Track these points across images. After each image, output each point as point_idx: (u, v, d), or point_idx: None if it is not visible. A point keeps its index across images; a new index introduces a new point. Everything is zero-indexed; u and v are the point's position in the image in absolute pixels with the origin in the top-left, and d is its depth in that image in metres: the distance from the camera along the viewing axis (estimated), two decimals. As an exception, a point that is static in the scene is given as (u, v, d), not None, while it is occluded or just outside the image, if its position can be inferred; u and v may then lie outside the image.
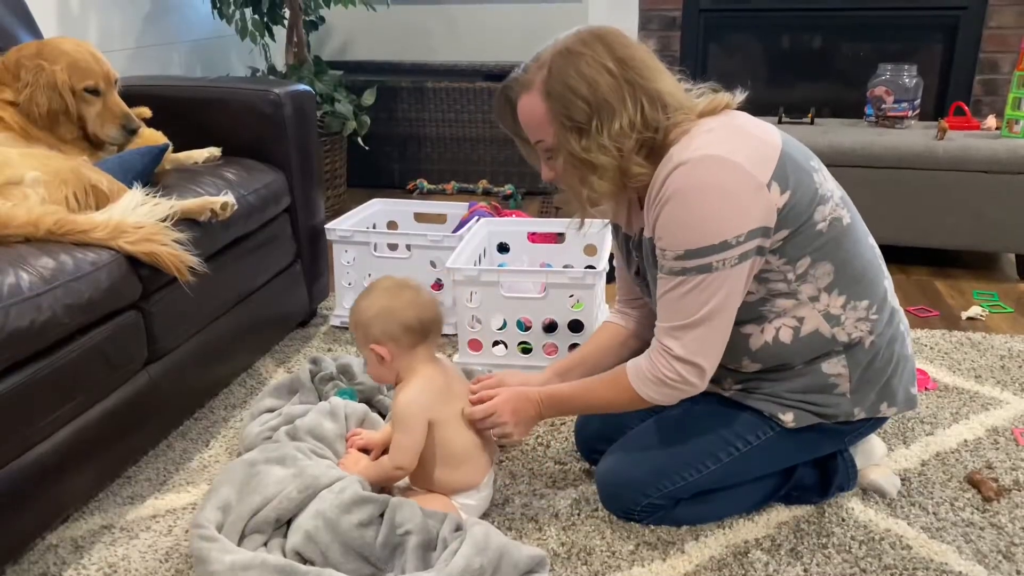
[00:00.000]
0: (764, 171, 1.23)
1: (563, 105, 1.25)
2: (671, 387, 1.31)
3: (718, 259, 1.23)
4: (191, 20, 3.38)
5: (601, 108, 1.24)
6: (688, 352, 1.29)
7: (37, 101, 1.76)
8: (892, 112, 2.91)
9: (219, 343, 1.87)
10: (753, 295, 1.32)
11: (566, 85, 1.24)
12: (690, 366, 1.29)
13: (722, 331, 1.29)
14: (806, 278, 1.31)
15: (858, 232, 1.36)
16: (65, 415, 1.41)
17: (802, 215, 1.26)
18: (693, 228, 1.23)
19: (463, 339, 2.05)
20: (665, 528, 1.47)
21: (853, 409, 1.38)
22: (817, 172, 1.31)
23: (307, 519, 1.32)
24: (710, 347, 1.29)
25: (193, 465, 1.69)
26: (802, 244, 1.28)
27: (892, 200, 2.71)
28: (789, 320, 1.33)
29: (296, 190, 2.17)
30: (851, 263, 1.33)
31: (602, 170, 1.27)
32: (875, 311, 1.36)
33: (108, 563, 1.40)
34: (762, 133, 1.28)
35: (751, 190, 1.21)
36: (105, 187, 1.62)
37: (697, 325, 1.27)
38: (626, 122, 1.24)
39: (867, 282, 1.35)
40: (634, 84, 1.24)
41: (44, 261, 1.40)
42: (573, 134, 1.26)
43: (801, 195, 1.26)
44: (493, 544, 1.28)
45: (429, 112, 3.75)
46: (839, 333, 1.34)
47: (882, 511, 1.50)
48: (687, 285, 1.25)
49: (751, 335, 1.36)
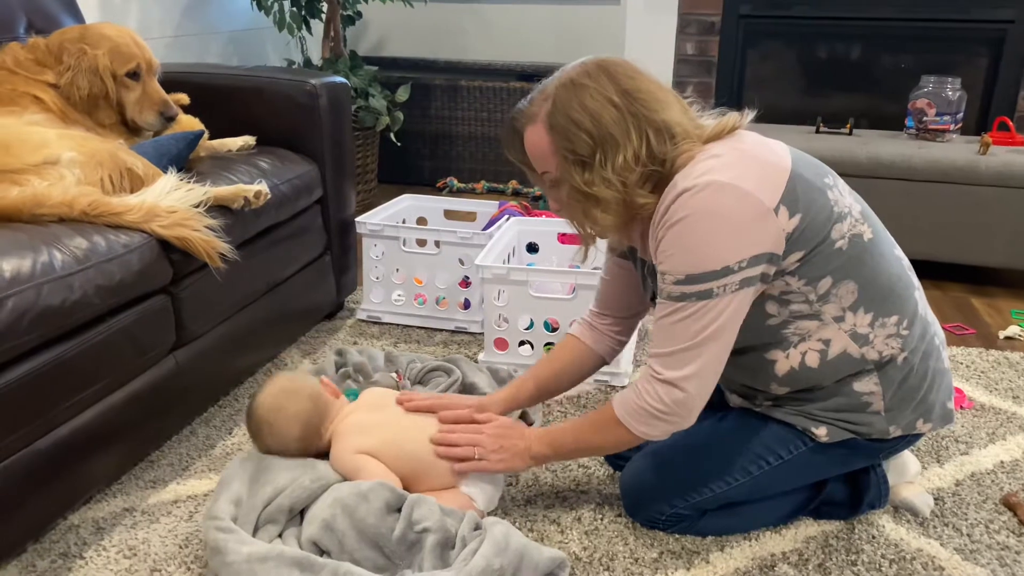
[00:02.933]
0: (771, 195, 1.19)
1: (566, 138, 1.23)
2: (655, 415, 1.26)
3: (719, 285, 1.20)
4: (230, 11, 3.40)
5: (605, 142, 1.21)
6: (674, 375, 1.24)
7: (78, 84, 1.77)
8: (934, 125, 2.85)
9: (246, 331, 1.87)
10: (775, 318, 1.29)
11: (569, 118, 1.22)
12: (674, 389, 1.24)
13: (715, 359, 1.24)
14: (828, 298, 1.27)
15: (882, 246, 1.31)
16: (91, 397, 1.41)
17: (817, 235, 1.23)
18: (695, 253, 1.19)
19: (489, 337, 2.04)
20: (690, 538, 1.44)
21: (888, 427, 1.34)
22: (832, 189, 1.27)
23: (324, 507, 1.31)
24: (700, 374, 1.24)
25: (216, 452, 1.69)
26: (821, 264, 1.24)
27: (931, 214, 2.66)
28: (815, 344, 1.30)
29: (328, 182, 2.16)
30: (876, 280, 1.29)
31: (605, 203, 1.24)
32: (906, 326, 1.31)
33: (128, 546, 1.40)
34: (770, 155, 1.24)
35: (757, 216, 1.18)
36: (140, 171, 1.63)
37: (689, 350, 1.23)
38: (631, 155, 1.21)
39: (895, 297, 1.31)
40: (639, 116, 1.22)
41: (78, 241, 1.40)
42: (576, 167, 1.24)
43: (814, 216, 1.22)
44: (513, 545, 1.26)
45: (462, 110, 3.74)
46: (869, 352, 1.30)
47: (914, 530, 1.46)
48: (686, 311, 1.22)
49: (776, 361, 1.32)
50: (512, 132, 1.33)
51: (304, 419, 1.45)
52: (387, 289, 2.32)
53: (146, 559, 1.37)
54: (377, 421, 1.48)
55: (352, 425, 1.48)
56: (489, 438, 1.41)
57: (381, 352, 1.85)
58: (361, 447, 1.44)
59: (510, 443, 1.41)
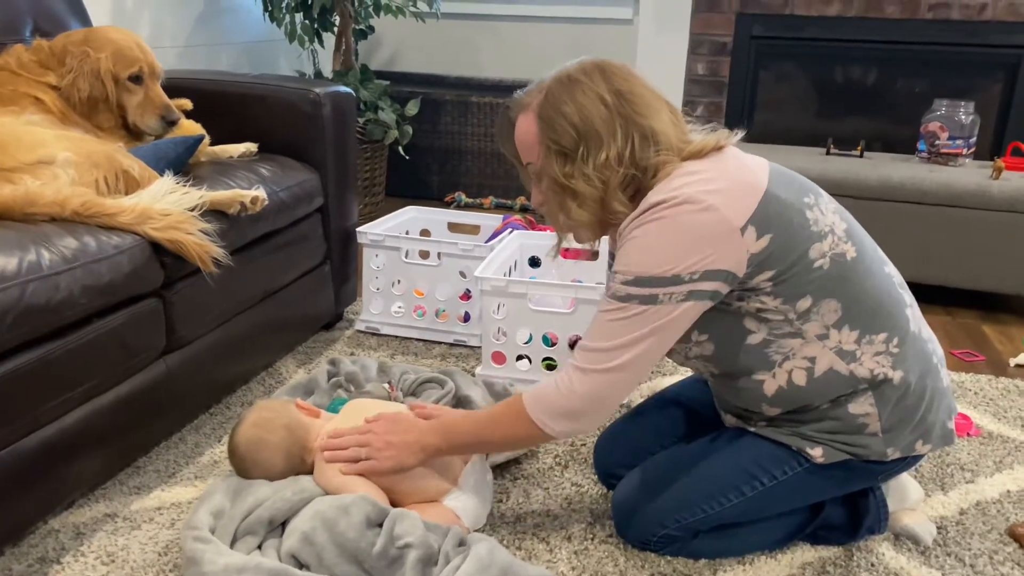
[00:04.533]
0: (740, 215, 1.18)
1: (552, 128, 1.25)
2: (568, 411, 1.24)
3: (665, 292, 1.19)
4: (243, 22, 3.42)
5: (589, 137, 1.23)
6: (596, 371, 1.22)
7: (78, 86, 1.77)
8: (946, 149, 2.82)
9: (241, 339, 1.86)
10: (755, 334, 1.27)
11: (558, 110, 1.24)
12: (586, 377, 1.23)
13: (640, 366, 1.23)
14: (809, 317, 1.24)
15: (868, 264, 1.28)
16: (77, 398, 1.39)
17: (790, 255, 1.21)
18: (649, 257, 1.19)
19: (487, 351, 2.01)
20: (682, 560, 1.39)
21: (886, 449, 1.30)
22: (812, 208, 1.25)
23: (304, 520, 1.29)
24: (621, 377, 1.23)
25: (204, 460, 1.67)
26: (798, 283, 1.22)
27: (942, 239, 2.62)
28: (800, 362, 1.27)
29: (330, 191, 2.15)
30: (862, 297, 1.26)
31: (582, 199, 1.25)
32: (896, 344, 1.27)
33: (107, 552, 1.38)
34: (745, 175, 1.23)
35: (721, 232, 1.17)
36: (136, 173, 1.62)
37: (618, 350, 1.22)
38: (613, 155, 1.22)
39: (884, 314, 1.27)
40: (628, 119, 1.23)
41: (67, 241, 1.39)
42: (558, 158, 1.25)
43: (788, 236, 1.21)
44: (498, 562, 1.23)
45: (472, 126, 3.74)
46: (858, 369, 1.26)
47: (915, 559, 1.41)
48: (626, 312, 1.21)
49: (764, 381, 1.29)
50: (505, 121, 1.35)
51: (284, 448, 1.43)
52: (386, 300, 2.30)
53: (124, 566, 1.35)
54: None
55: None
56: (376, 436, 1.38)
57: (375, 362, 1.83)
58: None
59: (398, 438, 1.37)
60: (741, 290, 1.23)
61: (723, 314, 1.26)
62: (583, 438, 1.76)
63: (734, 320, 1.26)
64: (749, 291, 1.22)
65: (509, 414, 1.31)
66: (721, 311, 1.25)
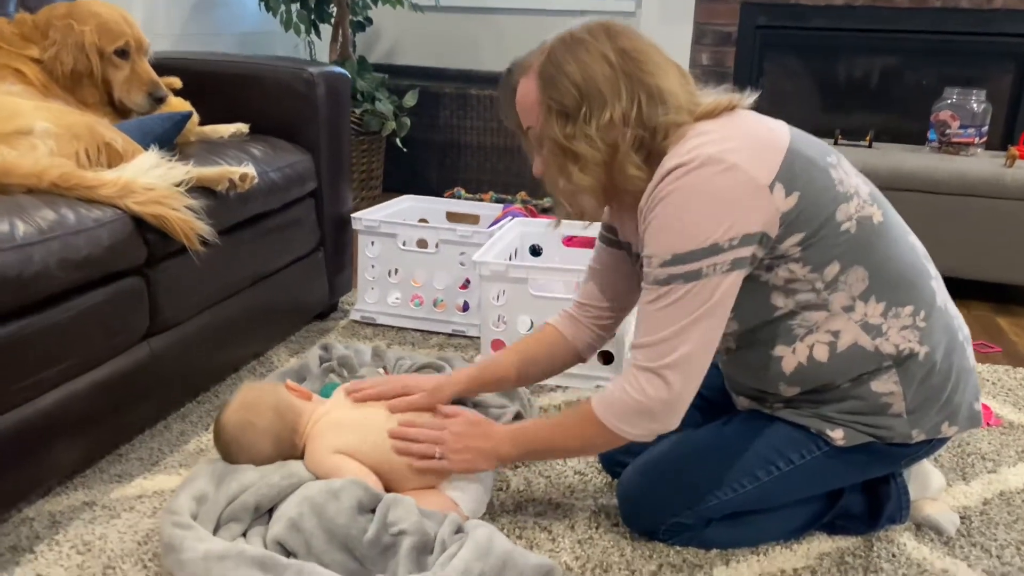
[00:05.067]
0: (765, 172, 1.11)
1: (553, 87, 1.17)
2: (637, 410, 1.16)
3: (708, 264, 1.10)
4: (238, 13, 3.36)
5: (591, 96, 1.15)
6: (658, 365, 1.14)
7: (62, 59, 1.70)
8: (957, 138, 2.74)
9: (230, 324, 1.78)
10: (781, 309, 1.19)
11: (560, 69, 1.17)
12: (658, 379, 1.14)
13: (703, 348, 1.14)
14: (836, 286, 1.17)
15: (894, 231, 1.22)
16: (53, 378, 1.32)
17: (819, 216, 1.14)
18: (681, 232, 1.11)
19: (486, 338, 1.93)
20: (692, 550, 1.32)
21: (911, 431, 1.22)
22: (836, 168, 1.18)
23: (292, 506, 1.21)
24: (686, 364, 1.13)
25: (190, 448, 1.59)
26: (826, 248, 1.15)
27: (954, 230, 2.55)
28: (823, 336, 1.19)
29: (323, 175, 2.08)
30: (887, 265, 1.18)
31: (584, 162, 1.17)
32: (923, 317, 1.20)
33: (83, 541, 1.30)
34: (766, 132, 1.16)
35: (748, 192, 1.10)
36: (120, 146, 1.55)
37: (675, 337, 1.13)
38: (618, 115, 1.15)
39: (908, 285, 1.20)
40: (633, 78, 1.15)
41: (44, 212, 1.31)
42: (559, 119, 1.17)
43: (815, 196, 1.13)
44: (497, 549, 1.15)
45: (471, 120, 3.67)
46: (883, 344, 1.19)
47: (938, 549, 1.34)
48: (673, 295, 1.12)
49: (783, 357, 1.22)
50: (507, 87, 1.27)
51: (273, 432, 1.34)
52: (382, 289, 2.22)
53: (100, 555, 1.27)
54: (355, 418, 1.38)
55: (328, 424, 1.37)
56: (453, 436, 1.31)
57: (368, 348, 1.75)
58: (338, 446, 1.33)
59: (475, 443, 1.30)
60: (771, 258, 1.15)
61: (751, 289, 1.18)
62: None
63: (762, 294, 1.19)
64: (779, 259, 1.15)
65: (582, 422, 1.23)
66: (749, 286, 1.17)
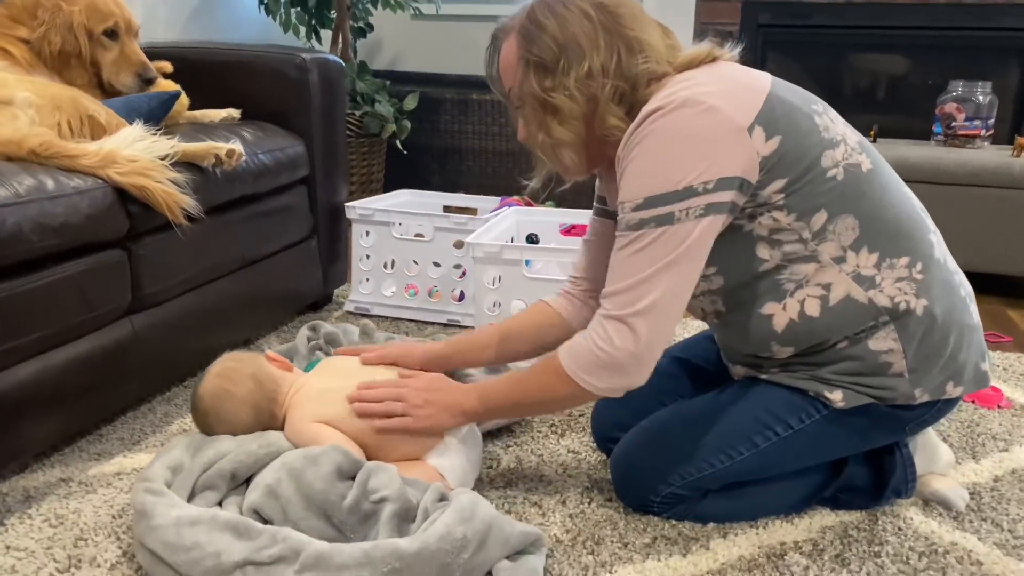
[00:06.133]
0: (745, 114, 1.07)
1: (531, 42, 1.16)
2: (605, 362, 1.11)
3: (681, 208, 1.07)
4: (239, 18, 3.37)
5: (569, 49, 1.13)
6: (625, 312, 1.09)
7: (50, 39, 1.68)
8: (963, 131, 2.71)
9: (218, 307, 1.75)
10: (767, 262, 1.15)
11: (538, 23, 1.16)
12: (624, 328, 1.09)
13: (673, 296, 1.09)
14: (825, 235, 1.12)
15: (885, 178, 1.17)
16: (27, 347, 1.28)
17: (801, 161, 1.10)
18: (655, 174, 1.08)
19: (480, 323, 1.89)
20: (688, 524, 1.26)
21: (914, 391, 1.17)
22: (820, 115, 1.15)
23: (269, 473, 1.16)
24: (655, 311, 1.09)
25: (173, 429, 1.55)
26: (811, 195, 1.11)
27: (962, 222, 2.49)
28: (813, 289, 1.15)
29: (316, 162, 2.06)
30: (880, 214, 1.14)
31: (563, 115, 1.15)
32: (920, 269, 1.15)
33: (56, 515, 1.25)
34: (746, 78, 1.13)
35: (726, 133, 1.06)
36: (103, 119, 1.52)
37: (643, 283, 1.09)
38: (597, 66, 1.13)
39: (903, 236, 1.15)
40: (611, 31, 1.14)
41: (21, 178, 1.29)
42: (537, 72, 1.16)
43: (797, 140, 1.10)
44: (481, 514, 1.10)
45: (472, 124, 3.66)
46: (878, 297, 1.14)
47: (947, 524, 1.28)
48: (644, 240, 1.09)
49: (773, 315, 1.17)
50: (492, 53, 1.26)
51: (252, 401, 1.30)
52: (377, 279, 2.19)
53: (73, 528, 1.22)
54: (337, 388, 1.33)
55: (309, 393, 1.33)
56: (414, 392, 1.27)
57: (356, 328, 1.71)
58: (318, 416, 1.29)
59: (437, 396, 1.26)
60: (753, 206, 1.11)
61: (734, 241, 1.14)
62: (580, 408, 1.64)
63: (746, 246, 1.15)
64: (761, 206, 1.11)
65: (547, 374, 1.18)
66: (732, 237, 1.13)
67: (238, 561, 1.03)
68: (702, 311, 1.27)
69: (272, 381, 1.33)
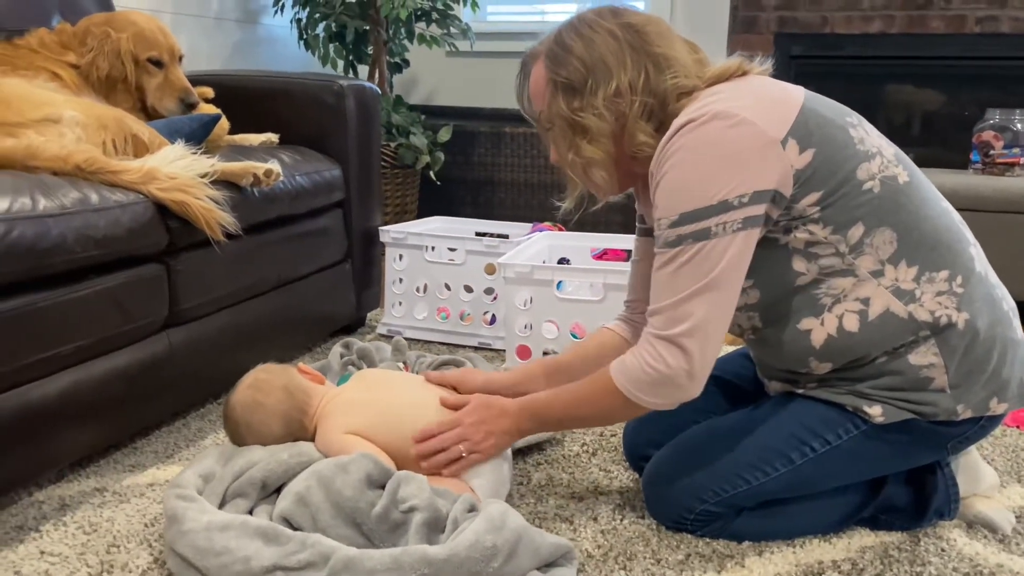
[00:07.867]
0: (778, 126, 1.08)
1: (559, 64, 1.18)
2: (656, 379, 1.11)
3: (718, 223, 1.07)
4: (279, 53, 3.46)
5: (596, 69, 1.16)
6: (674, 331, 1.09)
7: (98, 64, 1.75)
8: (1001, 159, 2.67)
9: (252, 325, 1.77)
10: (804, 275, 1.14)
11: (565, 46, 1.19)
12: (674, 347, 1.09)
13: (719, 311, 1.10)
14: (862, 248, 1.11)
15: (923, 191, 1.16)
16: (66, 356, 1.30)
17: (836, 174, 1.09)
18: (689, 189, 1.08)
19: (511, 345, 1.89)
20: (723, 541, 1.24)
21: (956, 406, 1.14)
22: (855, 128, 1.15)
23: (300, 481, 1.16)
24: (702, 328, 1.09)
25: (206, 443, 1.56)
26: (847, 208, 1.10)
27: (1002, 249, 2.44)
28: (852, 304, 1.13)
29: (352, 186, 2.09)
30: (919, 227, 1.13)
31: (592, 135, 1.17)
32: (960, 283, 1.13)
33: (90, 523, 1.26)
34: (779, 91, 1.14)
35: (759, 147, 1.07)
36: (146, 138, 1.57)
37: (688, 301, 1.09)
38: (624, 84, 1.15)
39: (943, 248, 1.14)
40: (638, 49, 1.15)
41: (67, 191, 1.32)
42: (565, 94, 1.18)
43: (831, 152, 1.10)
44: (511, 524, 1.09)
45: (505, 156, 3.69)
46: (918, 311, 1.12)
47: (992, 545, 1.23)
48: (683, 256, 1.09)
49: (811, 330, 1.16)
50: (522, 78, 1.29)
51: (282, 412, 1.31)
52: (409, 303, 2.20)
53: (106, 535, 1.23)
54: (369, 400, 1.34)
55: (340, 404, 1.33)
56: (472, 427, 1.26)
57: (388, 346, 1.72)
58: (349, 427, 1.29)
59: (495, 426, 1.26)
60: (788, 219, 1.11)
61: (770, 254, 1.13)
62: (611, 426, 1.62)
63: (782, 260, 1.14)
64: (796, 219, 1.10)
65: (601, 392, 1.19)
66: (768, 250, 1.13)
67: (267, 566, 1.03)
68: (739, 327, 1.26)
69: (303, 392, 1.33)
